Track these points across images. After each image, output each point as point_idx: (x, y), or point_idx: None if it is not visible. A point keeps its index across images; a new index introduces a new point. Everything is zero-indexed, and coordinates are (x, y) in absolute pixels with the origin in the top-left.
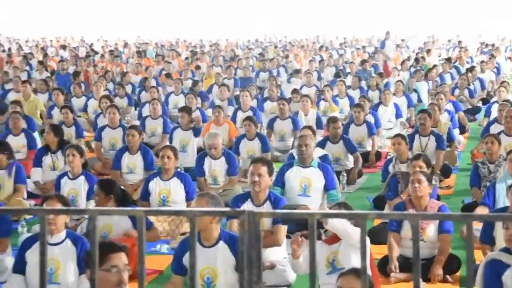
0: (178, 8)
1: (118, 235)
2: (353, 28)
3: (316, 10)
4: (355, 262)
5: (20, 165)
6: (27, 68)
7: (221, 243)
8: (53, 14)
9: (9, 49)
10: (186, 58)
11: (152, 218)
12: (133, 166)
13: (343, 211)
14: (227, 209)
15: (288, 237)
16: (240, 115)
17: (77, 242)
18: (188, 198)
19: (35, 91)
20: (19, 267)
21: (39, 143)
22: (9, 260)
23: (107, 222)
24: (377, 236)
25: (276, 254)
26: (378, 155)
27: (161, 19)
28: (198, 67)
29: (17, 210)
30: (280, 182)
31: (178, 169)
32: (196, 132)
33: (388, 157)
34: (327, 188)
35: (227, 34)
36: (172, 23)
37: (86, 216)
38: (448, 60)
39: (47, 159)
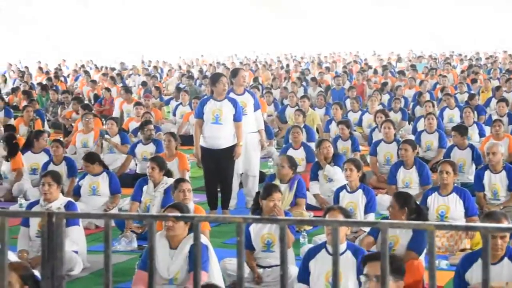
0: (451, 21)
1: (403, 247)
2: None
3: None
4: None
5: (301, 179)
6: (304, 83)
7: (506, 260)
8: (327, 31)
9: (287, 65)
10: (462, 72)
11: None
12: (408, 181)
13: None
14: None
15: None
16: None
17: (358, 254)
18: (468, 214)
19: (312, 106)
20: (303, 276)
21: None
22: (293, 270)
23: (393, 233)
24: None
25: None
26: None
27: (434, 32)
28: (474, 81)
29: (307, 221)
30: None
31: (455, 184)
32: (474, 153)
33: None
34: None
35: (504, 45)
36: (444, 35)
37: (364, 229)
38: None
39: (321, 173)
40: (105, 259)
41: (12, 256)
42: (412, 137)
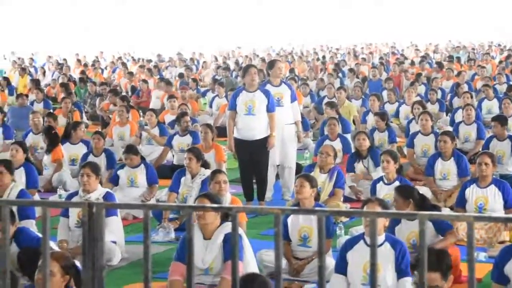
0: (490, 10)
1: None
2: None
3: None
4: None
5: (341, 170)
6: (340, 75)
7: None
8: (362, 21)
9: (323, 57)
10: (500, 62)
11: (463, 225)
12: (446, 172)
13: None
14: None
15: None
16: None
17: (396, 245)
18: (507, 206)
19: (348, 97)
20: (341, 267)
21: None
22: (330, 261)
23: (413, 229)
24: None
25: None
26: None
27: (473, 22)
28: None
29: (345, 212)
30: None
31: (494, 176)
32: None
33: None
34: None
35: None
36: (482, 25)
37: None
38: None
39: (358, 165)
40: (144, 250)
41: (54, 246)
42: (450, 129)
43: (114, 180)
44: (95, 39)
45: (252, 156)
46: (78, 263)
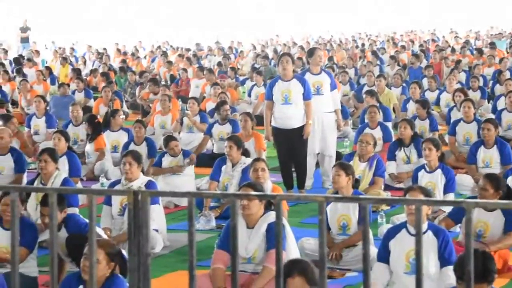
0: None
1: (494, 236)
2: None
3: None
4: None
5: (381, 158)
6: (378, 62)
7: None
8: (402, 9)
9: (362, 44)
10: None
11: None
12: (489, 160)
13: None
14: None
15: None
16: None
17: (439, 234)
18: None
19: (387, 85)
20: (383, 256)
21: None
22: (372, 250)
23: (483, 219)
24: None
25: None
26: None
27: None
28: None
29: (389, 200)
30: None
31: None
32: None
33: None
34: None
35: None
36: None
37: (443, 209)
38: None
39: (400, 153)
40: (189, 237)
41: (101, 233)
42: (492, 116)
43: (157, 165)
44: (134, 29)
45: (291, 145)
46: (123, 251)
